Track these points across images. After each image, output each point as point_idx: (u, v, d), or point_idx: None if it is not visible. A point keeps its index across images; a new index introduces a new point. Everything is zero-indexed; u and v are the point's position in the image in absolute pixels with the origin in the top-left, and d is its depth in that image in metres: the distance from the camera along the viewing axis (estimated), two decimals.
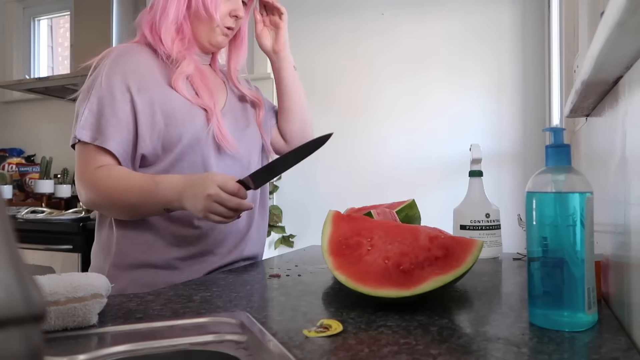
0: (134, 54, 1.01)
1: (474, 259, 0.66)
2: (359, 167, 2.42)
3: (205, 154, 1.01)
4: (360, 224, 0.75)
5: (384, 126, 2.38)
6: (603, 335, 0.56)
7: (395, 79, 2.37)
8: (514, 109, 2.19)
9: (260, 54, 2.60)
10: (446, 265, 0.66)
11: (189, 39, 1.05)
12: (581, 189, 0.57)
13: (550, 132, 0.60)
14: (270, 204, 2.53)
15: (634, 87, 0.55)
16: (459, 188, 1.26)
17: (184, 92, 1.00)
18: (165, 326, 0.62)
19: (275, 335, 0.56)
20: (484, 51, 2.23)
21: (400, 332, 0.57)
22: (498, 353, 0.50)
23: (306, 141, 1.00)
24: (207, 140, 1.00)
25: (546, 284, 0.58)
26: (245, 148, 1.09)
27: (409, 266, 0.66)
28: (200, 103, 1.01)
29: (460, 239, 0.69)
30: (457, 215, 1.15)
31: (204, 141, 1.00)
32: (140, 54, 1.01)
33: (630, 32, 0.46)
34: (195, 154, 1.00)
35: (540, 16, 2.14)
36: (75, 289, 0.59)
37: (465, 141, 1.63)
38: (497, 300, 0.73)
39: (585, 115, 0.93)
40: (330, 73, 2.48)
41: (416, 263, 0.66)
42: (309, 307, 0.70)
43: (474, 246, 0.67)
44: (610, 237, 0.68)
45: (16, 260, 0.21)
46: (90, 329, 0.60)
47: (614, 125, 0.66)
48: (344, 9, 2.46)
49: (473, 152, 1.17)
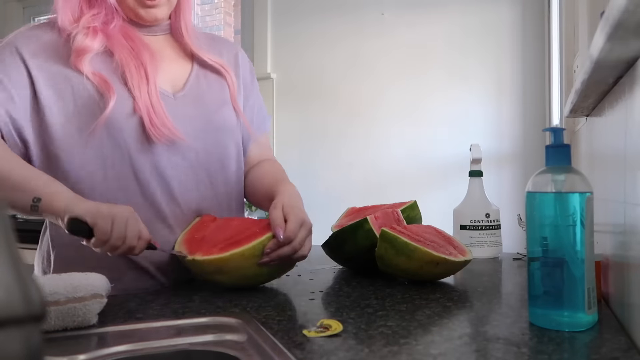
0: (38, 29, 0.88)
1: (269, 237, 0.77)
2: (359, 168, 2.42)
3: (131, 148, 0.83)
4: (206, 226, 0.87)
5: (384, 126, 2.38)
6: (603, 335, 0.56)
7: (395, 80, 2.37)
8: (514, 109, 2.19)
9: (260, 54, 2.61)
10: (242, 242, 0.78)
11: (107, 13, 0.88)
12: (581, 189, 0.57)
13: (550, 132, 0.60)
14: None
15: (634, 87, 0.55)
16: (459, 188, 1.25)
17: (94, 71, 0.83)
18: (165, 326, 0.62)
19: (275, 335, 0.56)
20: (484, 51, 2.23)
21: (400, 332, 0.57)
22: (498, 353, 0.50)
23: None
24: (133, 131, 0.83)
25: (546, 284, 0.58)
26: (206, 141, 0.90)
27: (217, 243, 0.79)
28: (106, 85, 0.82)
29: (260, 221, 0.81)
30: (457, 215, 1.15)
31: (129, 132, 0.83)
32: (48, 31, 0.87)
33: (630, 32, 0.46)
34: (119, 148, 0.83)
35: (540, 16, 2.14)
36: (75, 289, 0.59)
37: (465, 141, 1.63)
38: (497, 300, 0.73)
39: (585, 115, 0.93)
40: (331, 74, 2.48)
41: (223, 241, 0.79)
42: (309, 307, 0.70)
43: (266, 230, 0.78)
44: (610, 237, 0.68)
45: (16, 260, 0.21)
46: (90, 329, 0.60)
47: (614, 125, 0.66)
48: (344, 10, 2.46)
49: (473, 152, 1.17)
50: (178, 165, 0.87)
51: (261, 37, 2.58)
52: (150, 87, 0.84)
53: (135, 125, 0.83)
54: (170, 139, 0.85)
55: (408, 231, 0.86)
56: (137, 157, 0.84)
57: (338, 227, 0.98)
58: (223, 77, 0.97)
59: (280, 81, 2.57)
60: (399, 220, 0.97)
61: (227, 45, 1.05)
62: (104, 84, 0.82)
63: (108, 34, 0.86)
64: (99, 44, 0.85)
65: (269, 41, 2.58)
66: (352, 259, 0.96)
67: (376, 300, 0.73)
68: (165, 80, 0.89)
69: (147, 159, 0.84)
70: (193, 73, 0.94)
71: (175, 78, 0.92)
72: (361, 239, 0.91)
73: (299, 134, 2.54)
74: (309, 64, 2.52)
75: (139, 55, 0.86)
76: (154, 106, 0.83)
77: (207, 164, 0.91)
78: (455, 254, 0.84)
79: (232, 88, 0.97)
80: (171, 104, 0.87)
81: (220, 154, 0.94)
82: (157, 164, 0.85)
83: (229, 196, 0.96)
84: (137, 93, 0.83)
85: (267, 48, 2.57)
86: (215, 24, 3.12)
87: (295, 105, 2.55)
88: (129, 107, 0.83)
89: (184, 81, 0.92)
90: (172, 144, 0.86)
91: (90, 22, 0.86)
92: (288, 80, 2.56)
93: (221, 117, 0.94)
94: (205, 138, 0.91)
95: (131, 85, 0.83)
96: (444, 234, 0.90)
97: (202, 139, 0.90)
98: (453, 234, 1.13)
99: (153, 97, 0.84)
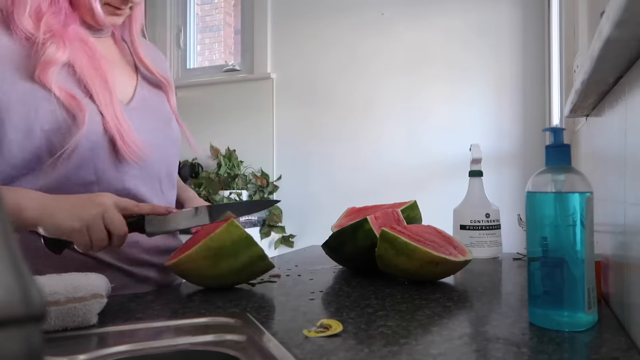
0: None
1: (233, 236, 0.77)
2: (359, 167, 2.42)
3: (99, 169, 0.77)
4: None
5: (384, 126, 2.38)
6: (603, 335, 0.56)
7: (395, 79, 2.37)
8: (514, 109, 2.20)
9: (260, 54, 2.61)
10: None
11: (66, 13, 0.79)
12: (581, 189, 0.57)
13: (550, 132, 0.60)
14: None
15: (634, 87, 0.55)
16: (459, 188, 1.26)
17: (60, 86, 0.73)
18: (165, 326, 0.62)
19: (275, 335, 0.56)
20: (484, 51, 2.23)
21: (400, 332, 0.57)
22: (498, 353, 0.50)
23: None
24: (102, 149, 0.77)
25: (546, 284, 0.58)
26: (161, 153, 0.87)
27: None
28: (76, 102, 0.74)
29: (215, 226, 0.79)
30: (457, 215, 1.15)
31: (98, 151, 0.76)
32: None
33: (630, 32, 0.46)
34: (86, 168, 0.76)
35: (540, 16, 2.14)
36: (75, 289, 0.59)
37: (465, 141, 1.63)
38: (497, 300, 0.73)
39: (585, 115, 0.93)
40: (331, 73, 2.48)
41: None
42: (309, 307, 0.70)
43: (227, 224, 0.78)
44: (610, 237, 0.68)
45: (16, 260, 0.21)
46: (90, 329, 0.60)
47: (614, 125, 0.66)
48: (343, 10, 2.46)
49: (473, 152, 1.17)
50: (142, 177, 0.84)
51: (261, 37, 2.58)
52: (114, 101, 0.78)
53: (105, 144, 0.77)
54: (140, 157, 0.80)
55: (408, 231, 0.86)
56: (105, 176, 0.78)
57: (338, 227, 0.98)
58: (162, 89, 0.93)
59: (280, 81, 2.57)
60: (399, 220, 0.97)
61: (159, 55, 1.01)
62: (73, 101, 0.74)
63: (68, 39, 0.77)
64: (66, 55, 0.76)
65: (269, 41, 2.58)
66: (352, 259, 0.96)
67: (376, 300, 0.73)
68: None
69: (116, 177, 0.79)
70: (139, 83, 0.89)
71: (123, 87, 0.85)
72: (361, 239, 0.91)
73: (299, 133, 2.54)
74: (309, 63, 2.53)
75: (98, 64, 0.79)
76: (121, 123, 0.77)
77: (159, 173, 0.88)
78: (455, 254, 0.84)
79: (172, 101, 0.94)
80: (127, 115, 0.81)
81: (170, 163, 0.91)
82: (124, 182, 0.80)
83: (172, 203, 0.94)
84: (104, 109, 0.76)
85: (267, 48, 2.57)
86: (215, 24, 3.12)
87: (295, 104, 2.55)
88: (99, 124, 0.76)
89: (132, 91, 0.87)
90: (139, 160, 0.81)
91: (52, 23, 0.76)
92: (288, 80, 2.56)
93: (170, 129, 0.91)
94: (160, 150, 0.87)
95: (97, 100, 0.76)
96: (444, 234, 0.90)
97: (158, 151, 0.86)
98: (453, 234, 1.13)
99: (119, 114, 0.78)
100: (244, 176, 2.56)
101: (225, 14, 3.11)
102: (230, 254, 0.76)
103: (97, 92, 0.76)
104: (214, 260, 0.77)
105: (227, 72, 2.72)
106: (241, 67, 2.70)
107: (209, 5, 3.12)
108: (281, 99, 2.57)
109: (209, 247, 0.76)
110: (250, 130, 2.61)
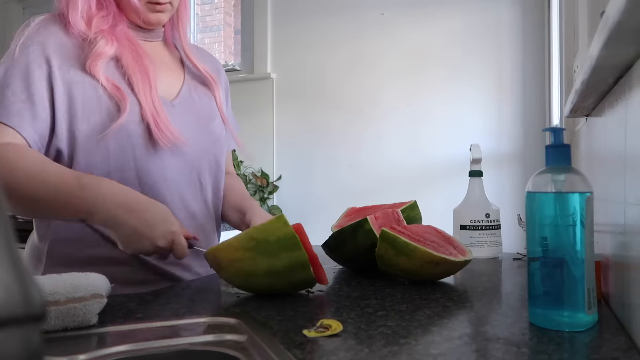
0: (52, 24, 0.85)
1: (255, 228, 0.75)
2: (359, 167, 2.42)
3: (136, 154, 0.85)
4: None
5: (384, 126, 2.38)
6: (603, 335, 0.56)
7: (395, 79, 2.37)
8: (514, 109, 2.19)
9: (260, 54, 2.61)
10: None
11: (114, 15, 0.88)
12: (581, 189, 0.57)
13: (550, 132, 0.60)
14: (270, 204, 2.53)
15: (634, 87, 0.55)
16: (459, 188, 1.26)
17: (107, 77, 0.83)
18: (165, 326, 0.62)
19: (275, 335, 0.56)
20: (484, 51, 2.23)
21: (400, 332, 0.57)
22: (498, 353, 0.50)
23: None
24: (140, 137, 0.84)
25: (546, 284, 0.58)
26: (201, 147, 0.93)
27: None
28: (120, 93, 0.83)
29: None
30: (457, 215, 1.15)
31: (136, 139, 0.84)
32: (62, 28, 0.85)
33: (630, 32, 0.46)
34: (124, 153, 0.84)
35: (540, 16, 2.14)
36: (75, 289, 0.59)
37: (465, 141, 1.63)
38: (497, 300, 0.73)
39: (585, 115, 0.93)
40: (331, 74, 2.48)
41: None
42: (309, 307, 0.70)
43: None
44: (610, 237, 0.68)
45: (16, 260, 0.21)
46: (90, 329, 0.60)
47: (614, 126, 0.66)
48: (344, 10, 2.46)
49: (473, 152, 1.17)
50: (180, 168, 0.90)
51: (261, 37, 2.58)
52: (153, 94, 0.86)
53: (142, 131, 0.84)
54: (174, 143, 0.86)
55: (408, 231, 0.86)
56: (142, 163, 0.85)
57: (338, 227, 0.98)
58: (210, 89, 1.00)
59: (280, 81, 2.57)
60: (399, 220, 0.97)
61: (211, 59, 1.10)
62: (117, 92, 0.83)
63: (116, 37, 0.87)
64: (114, 49, 0.85)
65: (269, 41, 2.58)
66: (352, 259, 0.96)
67: (376, 300, 0.73)
68: (160, 87, 0.90)
69: (153, 164, 0.86)
70: (185, 83, 0.96)
71: (169, 86, 0.94)
72: (361, 239, 0.91)
73: (299, 134, 2.54)
74: (309, 64, 2.52)
75: (142, 61, 0.87)
76: (158, 112, 0.85)
77: (198, 168, 0.94)
78: (455, 254, 0.84)
79: (218, 100, 1.00)
80: (169, 110, 0.89)
81: (212, 161, 0.97)
82: (162, 168, 0.87)
83: (215, 204, 1.00)
84: (143, 99, 0.84)
85: (267, 48, 2.57)
86: (215, 24, 3.12)
87: (295, 105, 2.55)
88: (137, 113, 0.84)
89: (177, 89, 0.95)
90: (175, 149, 0.88)
91: (101, 24, 0.86)
92: (288, 80, 2.56)
93: (213, 128, 0.97)
94: (201, 144, 0.94)
95: (137, 92, 0.84)
96: (444, 234, 0.90)
97: (199, 144, 0.93)
98: (453, 234, 1.13)
99: (156, 103, 0.86)
100: (244, 176, 2.57)
101: (225, 14, 3.11)
102: (271, 251, 0.71)
103: (138, 85, 0.84)
104: (253, 254, 0.71)
105: (227, 72, 2.70)
106: (241, 67, 2.70)
107: (209, 5, 3.12)
108: (281, 99, 2.57)
109: (251, 238, 0.72)
110: (250, 130, 2.61)
